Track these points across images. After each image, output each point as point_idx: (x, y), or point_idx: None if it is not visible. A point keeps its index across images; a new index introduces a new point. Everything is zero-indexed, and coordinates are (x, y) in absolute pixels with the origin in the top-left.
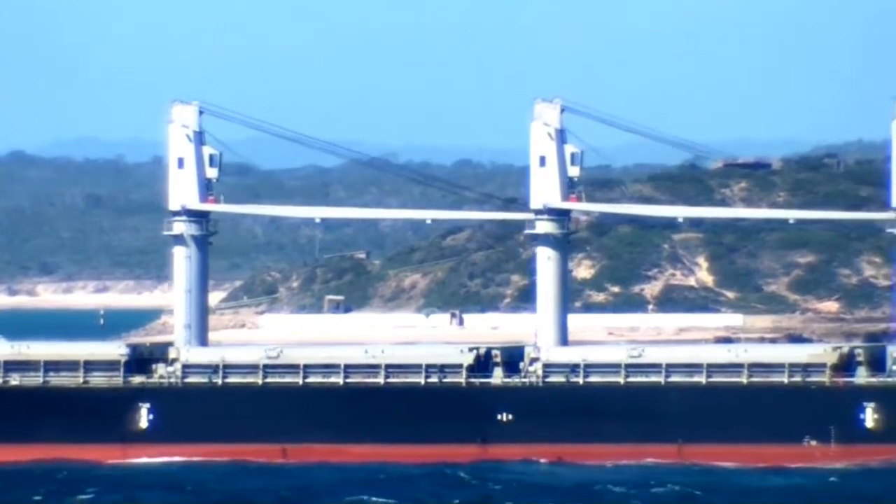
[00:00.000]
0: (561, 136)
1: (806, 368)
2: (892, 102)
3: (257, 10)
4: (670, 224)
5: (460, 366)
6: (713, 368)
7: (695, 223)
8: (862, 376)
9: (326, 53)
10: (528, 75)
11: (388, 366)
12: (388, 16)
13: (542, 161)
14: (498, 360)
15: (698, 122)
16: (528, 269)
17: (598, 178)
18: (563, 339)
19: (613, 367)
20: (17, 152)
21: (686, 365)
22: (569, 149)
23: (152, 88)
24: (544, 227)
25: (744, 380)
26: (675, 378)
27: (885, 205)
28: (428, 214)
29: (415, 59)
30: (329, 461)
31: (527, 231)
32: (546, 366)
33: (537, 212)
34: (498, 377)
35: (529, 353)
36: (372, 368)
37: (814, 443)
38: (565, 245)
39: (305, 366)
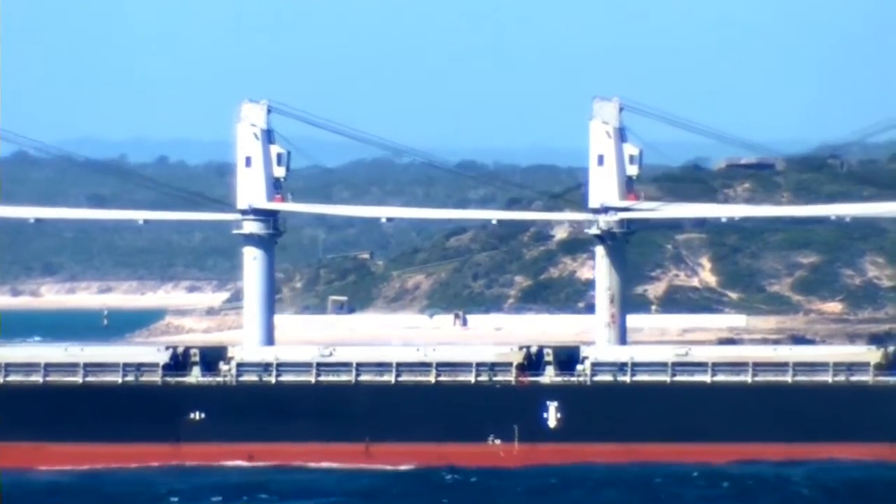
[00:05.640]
0: (267, 137)
1: (493, 367)
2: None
3: (253, 7)
4: (674, 225)
5: (157, 365)
6: (402, 367)
7: (698, 223)
8: (549, 376)
9: (325, 53)
10: (528, 75)
11: (86, 364)
12: (393, 15)
13: (248, 161)
14: (196, 359)
15: (700, 122)
16: (533, 269)
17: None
18: (269, 339)
19: (305, 366)
20: (20, 152)
21: (376, 364)
22: (274, 149)
23: (155, 88)
24: (250, 227)
25: (431, 379)
26: (364, 377)
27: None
28: (140, 215)
29: (417, 58)
30: (26, 462)
31: (234, 231)
32: (240, 365)
33: (243, 212)
34: (195, 376)
35: (229, 352)
36: (71, 367)
37: (498, 442)
38: (271, 245)
39: (7, 364)
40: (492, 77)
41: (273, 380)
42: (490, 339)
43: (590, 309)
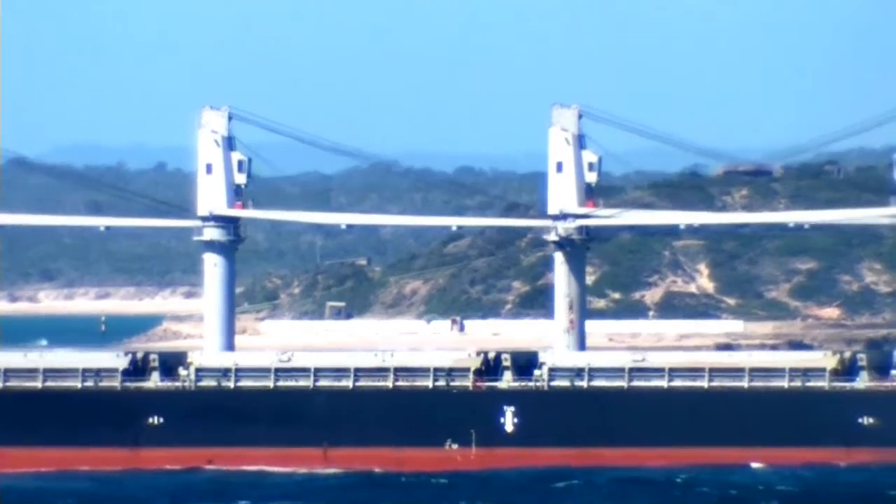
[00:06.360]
0: (228, 144)
1: (450, 373)
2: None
3: (254, 13)
4: (671, 230)
5: (116, 370)
6: (361, 373)
7: (694, 229)
8: (507, 381)
9: (323, 58)
10: (529, 80)
11: (45, 370)
12: (389, 22)
13: (209, 168)
14: (155, 364)
15: (701, 126)
16: (531, 274)
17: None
18: (229, 344)
19: (263, 372)
20: (17, 158)
21: (334, 369)
22: (235, 156)
23: (154, 95)
24: (211, 233)
25: (389, 384)
26: (322, 382)
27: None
28: (101, 221)
29: (414, 65)
30: None
31: (194, 238)
32: (199, 370)
33: (204, 219)
34: (154, 381)
35: (189, 358)
36: (30, 372)
37: (455, 446)
38: (232, 252)
39: None
40: (492, 81)
41: (232, 385)
42: (486, 345)
43: (587, 315)
